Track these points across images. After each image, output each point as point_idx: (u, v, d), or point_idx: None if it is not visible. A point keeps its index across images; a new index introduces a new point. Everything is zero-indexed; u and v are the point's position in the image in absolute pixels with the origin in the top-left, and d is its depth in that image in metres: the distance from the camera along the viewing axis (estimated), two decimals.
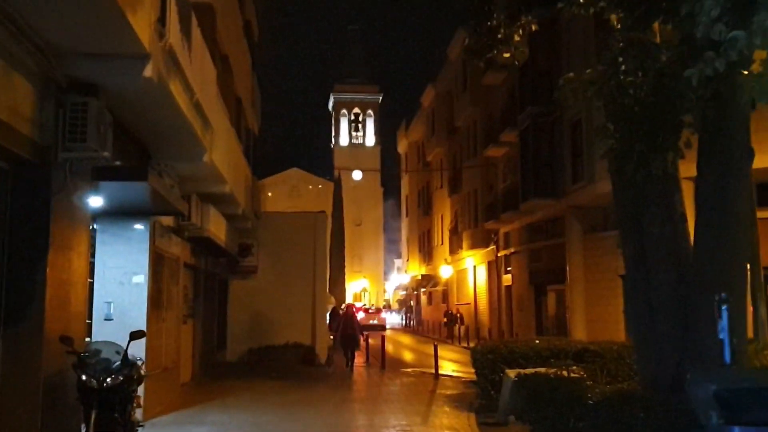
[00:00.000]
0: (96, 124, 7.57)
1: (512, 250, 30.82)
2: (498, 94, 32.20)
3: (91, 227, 9.27)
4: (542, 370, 10.85)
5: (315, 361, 21.12)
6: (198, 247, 15.80)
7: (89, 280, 11.00)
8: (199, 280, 16.96)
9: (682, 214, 8.61)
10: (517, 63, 10.83)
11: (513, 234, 30.73)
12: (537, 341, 13.44)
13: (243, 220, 19.22)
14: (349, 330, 20.92)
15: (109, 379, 7.10)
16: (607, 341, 14.09)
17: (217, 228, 15.45)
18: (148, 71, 7.57)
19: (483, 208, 34.48)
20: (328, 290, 28.43)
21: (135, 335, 7.65)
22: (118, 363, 7.29)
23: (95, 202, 9.56)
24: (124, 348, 7.49)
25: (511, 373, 11.13)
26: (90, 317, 10.99)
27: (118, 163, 8.44)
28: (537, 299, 28.05)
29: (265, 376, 17.92)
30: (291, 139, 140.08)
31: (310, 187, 75.94)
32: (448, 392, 15.24)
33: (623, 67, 7.17)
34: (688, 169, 8.43)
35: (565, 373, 10.30)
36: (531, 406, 7.60)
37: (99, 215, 10.93)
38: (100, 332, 10.66)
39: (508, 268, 31.76)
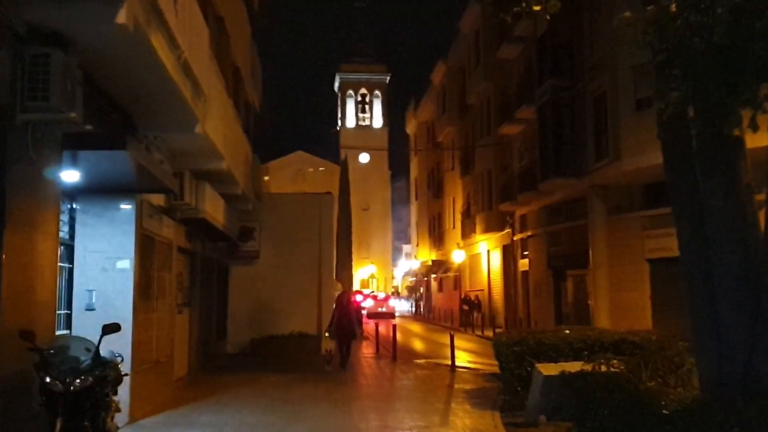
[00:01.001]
0: (61, 79, 6.53)
1: (529, 233, 29.76)
2: (514, 68, 31.06)
3: (61, 203, 8.26)
4: (578, 364, 9.85)
5: (321, 352, 20.15)
6: (194, 229, 14.78)
7: (68, 265, 10.09)
8: (195, 266, 15.94)
9: (747, 184, 7.55)
10: (548, 17, 9.73)
11: (530, 216, 29.67)
12: (567, 331, 12.40)
13: (243, 202, 18.21)
14: (344, 321, 18.13)
15: (77, 381, 6.11)
16: (644, 331, 13.06)
17: (214, 209, 14.42)
18: (121, 17, 6.51)
19: (497, 189, 33.41)
20: (334, 277, 27.46)
21: (108, 329, 6.65)
22: (88, 362, 6.30)
23: (71, 176, 8.56)
24: (96, 343, 6.48)
25: (543, 368, 10.12)
26: (69, 307, 10.05)
27: (89, 127, 7.40)
28: (556, 285, 27.02)
29: (268, 368, 16.98)
30: (296, 122, 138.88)
31: (316, 170, 74.85)
32: (467, 387, 14.23)
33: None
34: None
35: (604, 368, 9.31)
36: (583, 413, 6.55)
37: (79, 193, 9.96)
38: (82, 324, 9.71)
39: (525, 253, 30.71)
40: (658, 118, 7.95)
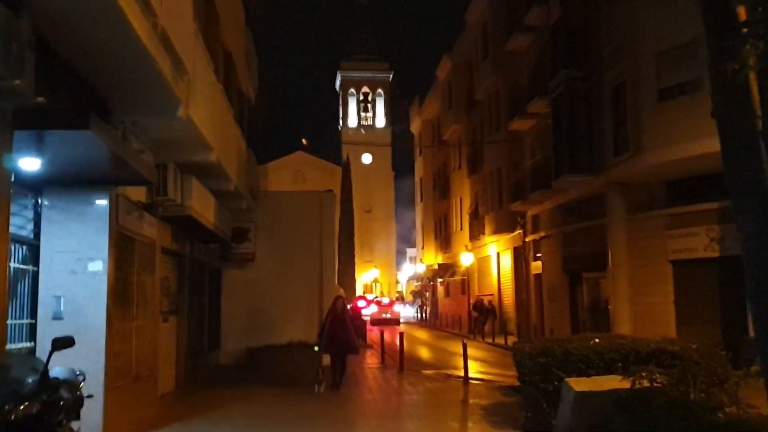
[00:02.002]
0: (4, 40, 5.51)
1: (542, 234, 28.67)
2: (524, 60, 30.00)
3: (24, 197, 7.27)
4: (614, 378, 8.81)
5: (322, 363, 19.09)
6: (180, 229, 13.75)
7: (32, 268, 9.05)
8: (183, 270, 14.89)
9: None
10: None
11: (543, 216, 28.59)
12: (596, 339, 11.31)
13: (237, 200, 17.19)
14: (340, 332, 15.70)
15: (20, 409, 5.06)
16: (680, 339, 11.97)
17: (202, 206, 13.38)
18: None
19: (508, 188, 32.34)
20: (336, 281, 26.46)
21: (59, 343, 5.59)
22: (34, 384, 5.25)
23: (32, 164, 7.57)
24: (45, 362, 5.43)
25: (574, 383, 9.06)
26: (34, 316, 9.02)
27: (41, 99, 6.38)
28: (572, 289, 25.96)
29: (264, 381, 15.93)
30: (296, 121, 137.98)
31: (317, 171, 73.95)
32: (483, 402, 13.16)
33: None
34: None
35: (646, 382, 8.27)
36: None
37: (45, 185, 8.95)
38: (48, 335, 8.59)
39: (538, 255, 29.63)
40: (712, 89, 6.90)
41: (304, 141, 73.44)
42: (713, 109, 7.31)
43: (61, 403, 5.60)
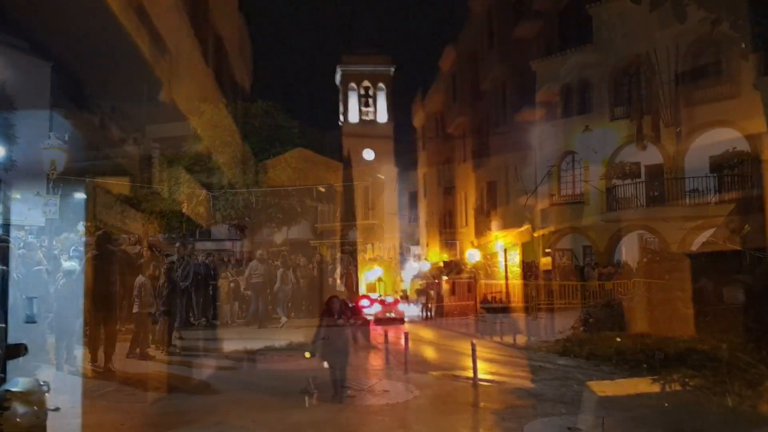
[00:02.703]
0: None
1: (552, 228, 28.06)
2: (532, 47, 29.37)
3: None
4: (642, 381, 8.17)
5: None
6: (171, 224, 13.11)
7: (1, 267, 8.42)
8: (175, 268, 14.25)
9: None
10: None
11: (552, 210, 27.96)
12: (618, 339, 10.68)
13: (232, 196, 16.57)
14: (335, 338, 13.78)
15: None
16: (709, 338, 11.34)
17: (192, 200, 12.74)
18: None
19: (515, 181, 31.71)
20: (339, 280, 25.89)
21: (10, 352, 4.95)
22: None
23: None
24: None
25: (597, 387, 8.42)
26: (4, 320, 8.37)
27: None
28: (584, 285, 25.35)
29: (261, 385, 15.24)
30: (294, 117, 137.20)
31: (317, 168, 73.30)
32: (496, 406, 12.43)
33: None
34: None
35: (677, 386, 7.63)
36: None
37: (13, 178, 8.32)
38: (20, 341, 8.03)
39: (547, 250, 28.98)
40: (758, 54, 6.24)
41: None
42: (757, 78, 6.67)
43: (18, 418, 4.95)
